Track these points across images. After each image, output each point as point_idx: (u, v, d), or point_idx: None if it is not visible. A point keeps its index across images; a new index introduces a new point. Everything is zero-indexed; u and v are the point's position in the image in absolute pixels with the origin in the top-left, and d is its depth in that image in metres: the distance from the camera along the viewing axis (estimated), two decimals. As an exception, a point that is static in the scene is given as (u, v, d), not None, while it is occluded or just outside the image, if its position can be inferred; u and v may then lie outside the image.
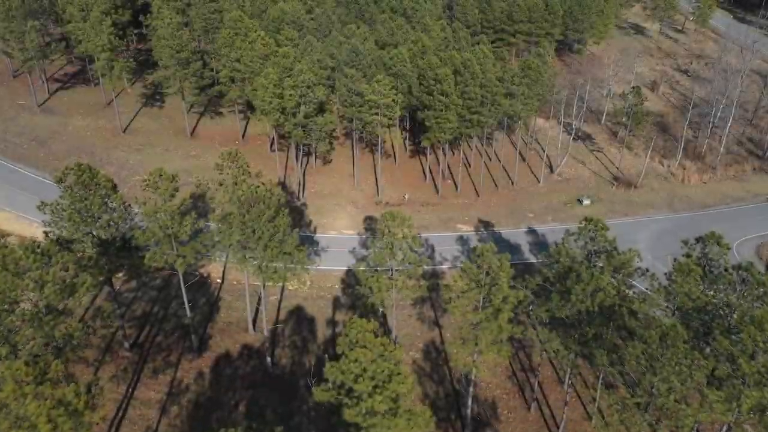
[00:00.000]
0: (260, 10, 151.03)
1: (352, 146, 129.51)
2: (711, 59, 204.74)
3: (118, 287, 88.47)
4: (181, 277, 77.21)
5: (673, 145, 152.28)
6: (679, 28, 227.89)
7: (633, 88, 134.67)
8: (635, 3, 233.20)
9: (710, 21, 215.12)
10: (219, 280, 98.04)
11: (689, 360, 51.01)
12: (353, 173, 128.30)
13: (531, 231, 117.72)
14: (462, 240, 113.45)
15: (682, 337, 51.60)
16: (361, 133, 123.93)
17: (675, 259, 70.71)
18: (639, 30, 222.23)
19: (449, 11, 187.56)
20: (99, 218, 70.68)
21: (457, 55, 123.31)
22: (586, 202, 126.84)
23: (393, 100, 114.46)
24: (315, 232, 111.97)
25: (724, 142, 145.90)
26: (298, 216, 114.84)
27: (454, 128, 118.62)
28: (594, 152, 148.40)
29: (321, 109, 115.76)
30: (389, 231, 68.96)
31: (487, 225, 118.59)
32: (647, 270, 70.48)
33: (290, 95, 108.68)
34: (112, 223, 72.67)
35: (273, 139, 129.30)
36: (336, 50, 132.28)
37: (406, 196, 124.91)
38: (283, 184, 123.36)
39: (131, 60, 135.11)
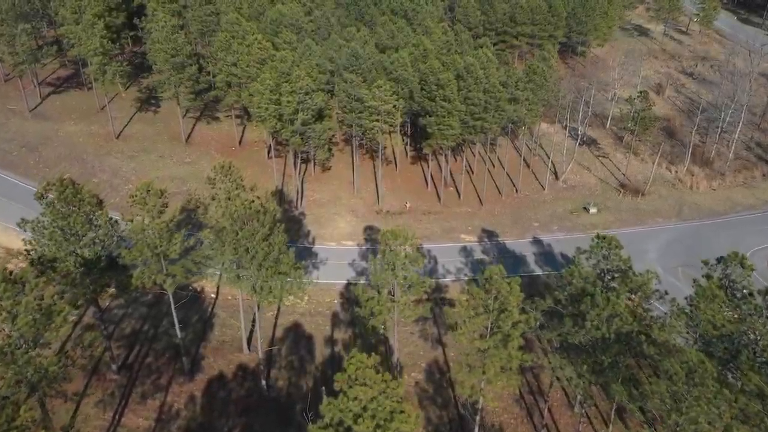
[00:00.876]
0: (258, 12, 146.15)
1: (352, 152, 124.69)
2: (716, 61, 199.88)
3: (107, 303, 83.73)
4: (171, 298, 72.24)
5: (680, 150, 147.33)
6: (683, 29, 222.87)
7: (640, 92, 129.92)
8: (639, 4, 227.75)
9: (714, 22, 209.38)
10: (213, 295, 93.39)
11: (719, 399, 46.05)
12: (353, 180, 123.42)
13: (536, 241, 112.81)
14: (465, 251, 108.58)
15: (712, 374, 46.69)
16: (361, 139, 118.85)
17: (695, 281, 65.64)
18: (642, 31, 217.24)
19: (450, 12, 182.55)
20: (83, 236, 65.64)
21: (460, 59, 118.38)
22: (593, 210, 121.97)
23: (394, 106, 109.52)
24: (313, 243, 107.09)
25: (733, 147, 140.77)
26: (296, 226, 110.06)
27: (456, 135, 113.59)
28: (599, 158, 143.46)
29: (320, 115, 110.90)
30: (390, 250, 63.71)
31: (491, 235, 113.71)
32: (666, 293, 65.47)
33: (288, 102, 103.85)
34: (97, 240, 67.64)
35: (270, 145, 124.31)
36: (335, 54, 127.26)
37: (408, 205, 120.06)
38: (280, 192, 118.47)
39: (125, 64, 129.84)
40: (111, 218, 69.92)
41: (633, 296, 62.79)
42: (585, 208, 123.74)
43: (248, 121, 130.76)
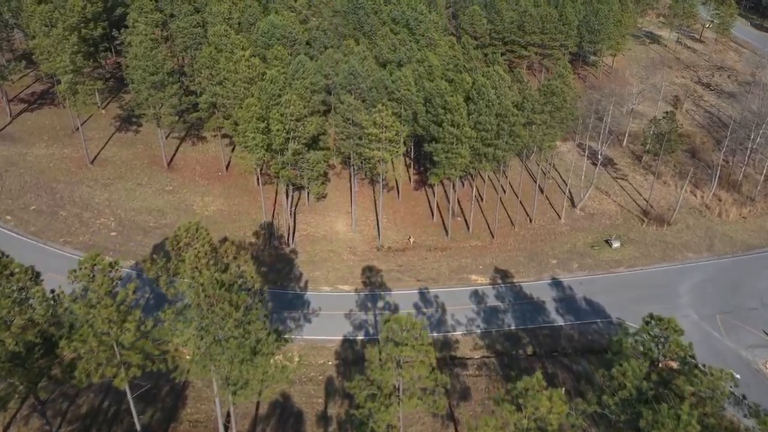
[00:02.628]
0: (249, 22, 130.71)
1: (350, 177, 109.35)
2: (733, 71, 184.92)
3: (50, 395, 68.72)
4: (128, 390, 57.27)
5: (703, 170, 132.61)
6: (697, 36, 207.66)
7: (666, 113, 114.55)
8: (651, 11, 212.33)
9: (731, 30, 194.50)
10: (189, 356, 77.89)
11: None
12: (351, 210, 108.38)
13: (555, 283, 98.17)
14: (477, 296, 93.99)
15: None
16: (360, 167, 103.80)
17: None
18: (654, 39, 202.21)
19: (455, 21, 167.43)
20: (10, 322, 50.57)
21: (469, 78, 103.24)
22: (616, 244, 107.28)
23: (396, 133, 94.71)
24: (306, 288, 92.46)
25: (765, 170, 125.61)
26: (286, 267, 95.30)
27: (466, 164, 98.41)
28: (618, 180, 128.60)
29: (314, 140, 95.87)
30: (395, 345, 48.84)
31: (504, 275, 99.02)
32: (743, 397, 50.52)
33: (277, 130, 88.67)
34: (30, 322, 52.58)
35: (260, 169, 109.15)
36: (332, 70, 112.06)
37: (411, 240, 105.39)
38: (270, 226, 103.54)
39: (100, 82, 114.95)
40: (53, 293, 54.84)
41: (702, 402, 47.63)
42: (607, 241, 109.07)
43: (233, 154, 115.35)
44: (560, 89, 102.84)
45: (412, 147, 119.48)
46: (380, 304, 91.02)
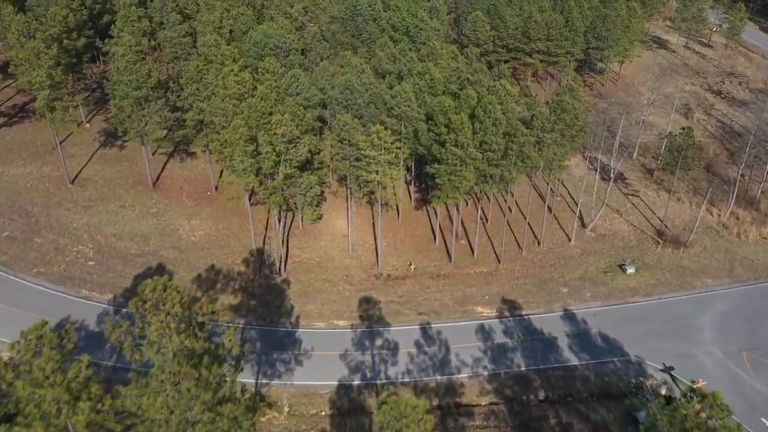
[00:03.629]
0: (241, 31, 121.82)
1: (347, 197, 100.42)
2: (744, 77, 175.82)
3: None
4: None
5: (718, 185, 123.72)
6: (704, 41, 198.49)
7: (683, 129, 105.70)
8: (658, 15, 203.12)
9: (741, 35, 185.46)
10: None
11: None
12: (348, 233, 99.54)
13: (568, 315, 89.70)
14: (483, 332, 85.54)
15: None
16: (357, 189, 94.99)
17: None
18: (661, 44, 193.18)
19: (457, 27, 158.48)
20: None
21: (474, 94, 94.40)
22: (630, 270, 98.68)
23: (396, 156, 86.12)
24: (297, 325, 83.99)
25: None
26: (277, 300, 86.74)
27: (471, 186, 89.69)
28: (629, 196, 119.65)
29: (308, 161, 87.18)
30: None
31: (512, 306, 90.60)
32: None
33: (266, 153, 79.86)
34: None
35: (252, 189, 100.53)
36: (327, 84, 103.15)
37: (412, 267, 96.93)
38: (260, 252, 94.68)
39: (79, 97, 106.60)
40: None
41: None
42: (621, 266, 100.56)
43: (219, 180, 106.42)
44: (571, 105, 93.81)
45: (413, 164, 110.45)
46: (379, 341, 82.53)
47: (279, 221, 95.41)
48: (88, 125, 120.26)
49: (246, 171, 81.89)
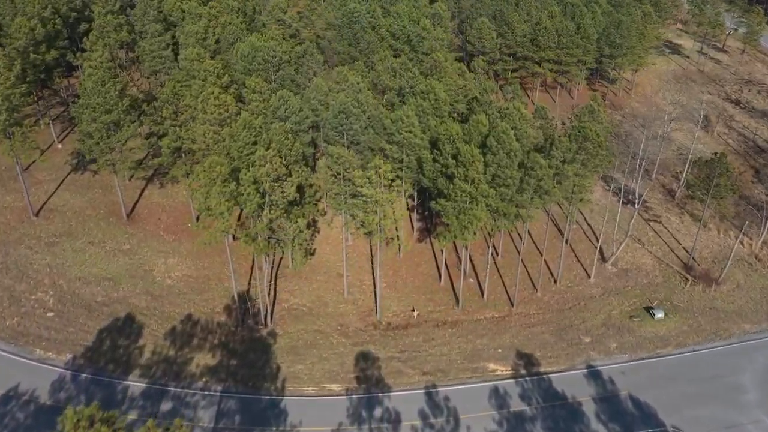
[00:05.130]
0: (229, 42, 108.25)
1: (344, 229, 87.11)
2: (764, 85, 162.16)
3: None
4: None
5: (744, 208, 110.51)
6: (719, 45, 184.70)
7: (716, 154, 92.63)
8: (673, 21, 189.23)
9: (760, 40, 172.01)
10: None
11: None
12: (343, 271, 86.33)
13: (592, 372, 77.29)
14: (497, 396, 72.95)
15: None
16: (354, 228, 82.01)
17: None
18: (674, 49, 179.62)
19: (461, 34, 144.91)
20: None
21: (485, 120, 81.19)
22: (659, 315, 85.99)
23: (395, 185, 73.19)
24: (284, 391, 71.39)
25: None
26: (261, 358, 74.25)
27: (482, 226, 76.66)
28: (650, 222, 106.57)
29: (296, 200, 74.07)
30: None
31: (529, 362, 78.05)
32: None
33: (249, 194, 66.61)
34: None
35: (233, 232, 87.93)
36: (321, 105, 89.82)
37: (415, 312, 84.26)
38: (244, 298, 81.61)
39: (46, 117, 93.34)
40: None
41: None
42: (648, 310, 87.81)
43: (194, 225, 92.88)
44: (594, 133, 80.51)
45: (416, 191, 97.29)
46: (378, 412, 70.01)
47: (266, 260, 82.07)
48: (60, 146, 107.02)
49: (224, 215, 68.40)
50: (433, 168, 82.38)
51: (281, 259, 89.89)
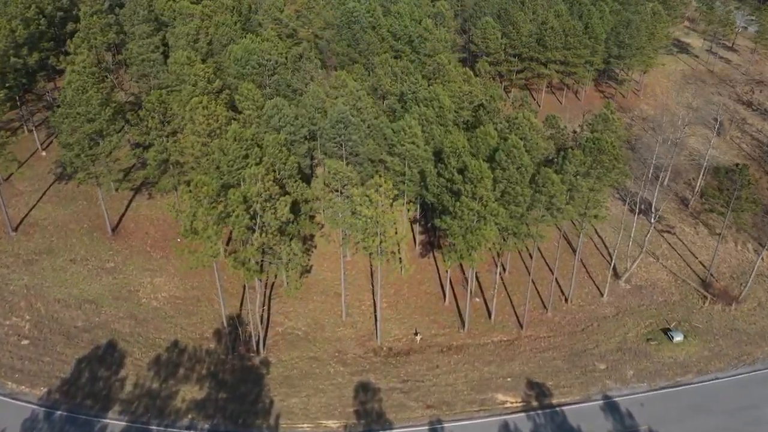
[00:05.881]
0: (222, 44, 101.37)
1: (341, 248, 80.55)
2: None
3: None
4: None
5: (762, 218, 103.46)
6: (728, 44, 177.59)
7: (738, 165, 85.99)
8: (683, 20, 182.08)
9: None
10: None
11: None
12: (342, 290, 79.83)
13: (610, 405, 71.14)
14: (507, 431, 65.34)
15: None
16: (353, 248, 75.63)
17: None
18: (682, 47, 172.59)
19: (464, 34, 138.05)
20: None
21: (493, 132, 74.52)
22: (678, 338, 79.64)
23: (398, 209, 66.76)
24: (277, 428, 64.52)
25: None
26: (252, 391, 67.97)
27: (490, 246, 70.22)
28: (664, 234, 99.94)
29: (289, 220, 67.45)
30: None
31: (541, 392, 71.86)
32: None
33: (237, 216, 60.05)
34: None
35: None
36: (318, 113, 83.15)
37: (418, 336, 77.55)
38: (236, 323, 75.11)
39: (23, 129, 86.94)
40: None
41: None
42: (666, 332, 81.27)
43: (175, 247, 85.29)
44: (610, 145, 73.88)
45: (419, 205, 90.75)
46: (378, 452, 62.86)
47: (258, 282, 75.51)
48: (44, 153, 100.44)
49: (211, 239, 61.77)
50: (437, 183, 75.88)
51: (276, 275, 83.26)
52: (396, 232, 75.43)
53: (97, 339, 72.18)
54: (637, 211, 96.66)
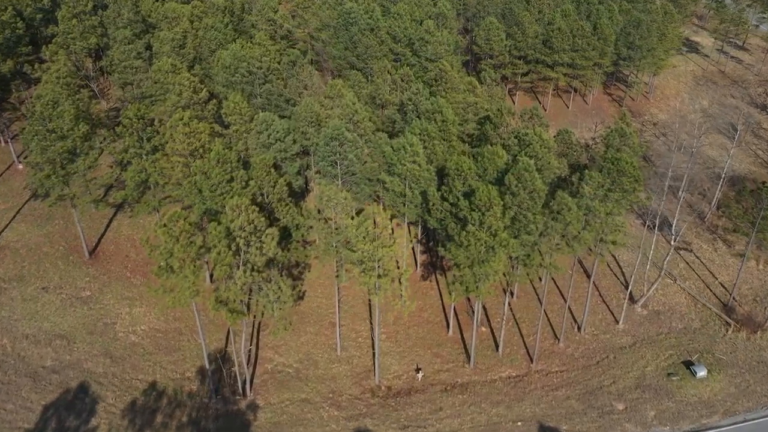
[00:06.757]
0: (210, 49, 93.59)
1: (336, 280, 72.95)
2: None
3: None
4: None
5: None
6: (739, 43, 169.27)
7: (765, 184, 77.95)
8: (692, 18, 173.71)
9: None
10: None
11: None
12: (336, 319, 72.17)
13: (630, 454, 62.24)
14: (519, 489, 58.16)
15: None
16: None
17: None
18: (691, 47, 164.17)
19: (467, 34, 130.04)
20: None
21: (502, 153, 66.66)
22: (701, 373, 72.07)
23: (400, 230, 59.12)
24: (264, 487, 56.38)
25: None
26: (238, 442, 59.40)
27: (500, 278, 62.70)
28: (680, 251, 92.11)
29: (283, 236, 60.02)
30: None
31: (555, 439, 63.28)
32: None
33: (219, 253, 52.32)
34: None
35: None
36: (312, 129, 75.41)
37: (420, 373, 69.77)
38: (220, 362, 67.33)
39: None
40: None
41: None
42: (688, 365, 73.72)
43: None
44: (630, 165, 66.06)
45: (421, 226, 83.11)
46: None
47: (249, 309, 67.65)
48: (20, 166, 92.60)
49: (188, 278, 54.05)
50: (441, 208, 67.96)
51: (264, 307, 75.38)
52: (398, 267, 67.62)
53: (67, 381, 64.62)
54: (656, 228, 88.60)
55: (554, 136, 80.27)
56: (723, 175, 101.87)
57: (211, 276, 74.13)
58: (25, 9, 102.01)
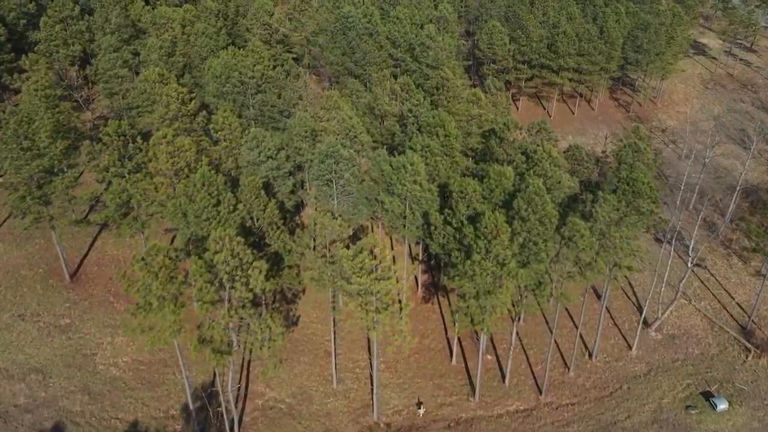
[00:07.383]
0: (201, 57, 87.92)
1: (332, 298, 67.33)
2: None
3: None
4: None
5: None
6: (747, 45, 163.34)
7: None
8: (701, 21, 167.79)
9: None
10: None
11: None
12: (332, 348, 66.56)
13: (648, 500, 56.71)
14: None
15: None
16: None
17: None
18: (698, 49, 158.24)
19: (469, 38, 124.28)
20: None
21: (509, 174, 61.02)
22: (722, 406, 66.63)
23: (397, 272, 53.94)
24: None
25: None
26: (224, 490, 53.82)
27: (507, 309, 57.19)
28: (693, 268, 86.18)
29: (274, 262, 54.55)
30: None
31: (567, 483, 57.70)
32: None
33: (200, 290, 46.65)
34: None
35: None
36: (305, 144, 69.72)
37: (421, 408, 64.15)
38: (206, 398, 61.80)
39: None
40: None
41: None
42: (707, 396, 68.10)
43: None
44: (647, 186, 60.38)
45: (422, 245, 77.52)
46: None
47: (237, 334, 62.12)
48: (1, 179, 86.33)
49: (167, 317, 48.45)
50: (444, 232, 62.30)
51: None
52: (399, 300, 62.18)
53: (40, 421, 59.14)
54: (672, 245, 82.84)
55: (564, 152, 74.50)
56: (738, 188, 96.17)
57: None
58: (8, 14, 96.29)
